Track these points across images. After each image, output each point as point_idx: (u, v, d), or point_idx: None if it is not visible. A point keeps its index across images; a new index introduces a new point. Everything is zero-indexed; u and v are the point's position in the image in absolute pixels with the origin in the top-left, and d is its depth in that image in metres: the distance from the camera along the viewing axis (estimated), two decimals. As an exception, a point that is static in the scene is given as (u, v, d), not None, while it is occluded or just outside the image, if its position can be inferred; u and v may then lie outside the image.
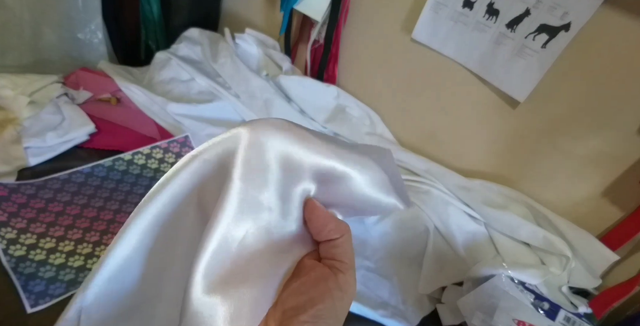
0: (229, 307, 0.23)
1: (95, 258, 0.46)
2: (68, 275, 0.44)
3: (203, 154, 0.25)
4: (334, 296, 0.25)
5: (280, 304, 0.25)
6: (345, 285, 0.25)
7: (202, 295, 0.23)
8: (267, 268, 0.25)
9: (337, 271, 0.26)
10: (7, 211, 0.46)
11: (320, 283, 0.25)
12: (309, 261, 0.27)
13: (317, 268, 0.26)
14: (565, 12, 0.49)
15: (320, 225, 0.27)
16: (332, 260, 0.26)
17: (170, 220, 0.27)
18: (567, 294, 0.53)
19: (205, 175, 0.26)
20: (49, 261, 0.44)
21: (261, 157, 0.25)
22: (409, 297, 0.53)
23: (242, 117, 0.72)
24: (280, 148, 0.25)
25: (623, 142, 0.52)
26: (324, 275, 0.26)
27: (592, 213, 0.57)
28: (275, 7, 0.85)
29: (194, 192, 0.26)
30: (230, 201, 0.24)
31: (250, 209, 0.25)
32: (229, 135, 0.25)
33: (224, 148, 0.25)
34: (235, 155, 0.24)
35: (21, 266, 0.43)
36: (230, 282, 0.24)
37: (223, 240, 0.24)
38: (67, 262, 0.45)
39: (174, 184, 0.26)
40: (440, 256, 0.57)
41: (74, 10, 0.74)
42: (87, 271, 0.45)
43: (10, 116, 0.58)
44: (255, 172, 0.25)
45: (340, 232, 0.27)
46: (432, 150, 0.73)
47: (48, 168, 0.55)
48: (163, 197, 0.26)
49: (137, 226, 0.26)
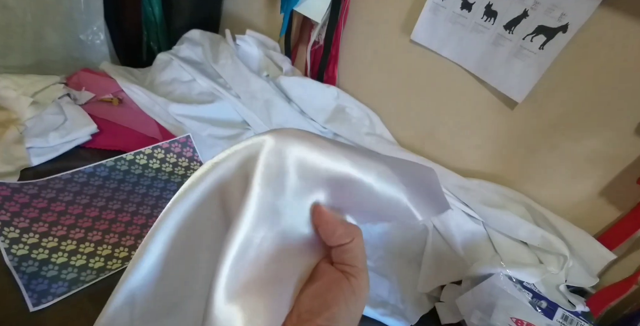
0: (247, 313, 0.24)
1: (97, 257, 0.47)
2: (70, 274, 0.44)
3: (227, 161, 0.26)
4: (348, 300, 0.25)
5: (296, 307, 0.25)
6: (358, 289, 0.26)
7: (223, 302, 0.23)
8: (283, 273, 0.26)
9: (350, 276, 0.26)
10: (10, 210, 0.47)
11: (334, 287, 0.25)
12: (323, 266, 0.27)
13: (331, 273, 0.27)
14: (563, 13, 0.50)
15: (329, 230, 0.27)
16: (343, 265, 0.27)
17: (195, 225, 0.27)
18: (565, 293, 0.53)
19: (227, 181, 0.26)
20: (52, 260, 0.45)
21: (280, 163, 0.25)
22: (408, 296, 0.54)
23: (242, 117, 0.73)
24: (298, 154, 0.26)
25: (620, 142, 0.52)
26: (337, 279, 0.26)
27: (589, 212, 0.58)
28: (276, 9, 0.86)
29: (217, 196, 0.27)
30: (249, 207, 0.24)
31: (267, 214, 0.25)
32: (251, 142, 0.26)
33: (246, 155, 0.26)
34: (256, 162, 0.25)
35: (24, 265, 0.43)
36: (249, 288, 0.24)
37: (242, 246, 0.24)
38: (69, 261, 0.45)
39: (198, 189, 0.26)
40: (439, 255, 0.58)
41: (77, 11, 0.75)
42: (89, 270, 0.45)
43: (13, 116, 0.58)
44: (273, 178, 0.25)
45: (350, 235, 0.27)
46: (431, 150, 0.73)
47: (50, 168, 0.55)
48: (188, 201, 0.26)
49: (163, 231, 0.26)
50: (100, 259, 0.47)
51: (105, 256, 0.47)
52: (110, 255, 0.47)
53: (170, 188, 0.58)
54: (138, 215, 0.53)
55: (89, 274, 0.45)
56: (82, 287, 0.43)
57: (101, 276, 0.45)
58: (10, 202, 0.48)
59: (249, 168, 0.25)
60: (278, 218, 0.26)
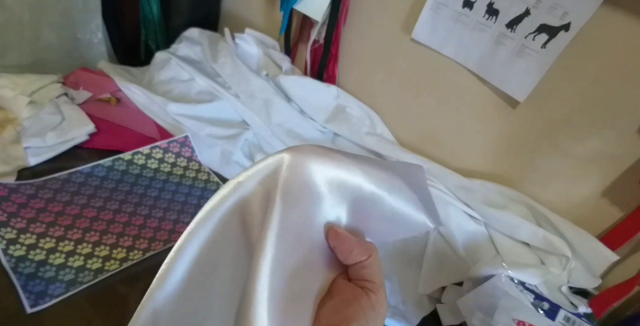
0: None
1: (94, 258, 0.46)
2: (68, 275, 0.44)
3: (249, 180, 0.26)
4: (368, 316, 0.25)
5: (317, 322, 0.25)
6: (378, 304, 0.26)
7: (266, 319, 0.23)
8: (305, 289, 0.26)
9: (369, 291, 0.26)
10: (7, 211, 0.46)
11: (354, 303, 0.26)
12: (341, 282, 0.28)
13: (349, 289, 0.27)
14: (565, 12, 0.49)
15: (346, 250, 0.27)
16: (362, 281, 0.27)
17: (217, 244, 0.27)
18: (567, 294, 0.53)
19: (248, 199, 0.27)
20: (49, 261, 0.44)
21: (299, 180, 0.26)
22: (409, 297, 0.53)
23: (241, 116, 0.72)
24: (317, 170, 0.26)
25: (623, 142, 0.52)
26: (356, 295, 0.26)
27: (591, 213, 0.57)
28: (275, 7, 0.85)
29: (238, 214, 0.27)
30: (274, 223, 0.25)
31: (290, 231, 0.25)
32: (271, 160, 0.26)
33: (266, 173, 0.26)
34: (277, 179, 0.26)
35: (21, 267, 0.43)
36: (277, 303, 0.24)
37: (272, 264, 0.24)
38: (66, 262, 0.45)
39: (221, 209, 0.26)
40: (440, 256, 0.57)
41: (74, 10, 0.74)
42: (86, 271, 0.45)
43: (10, 116, 0.58)
44: (293, 194, 0.26)
45: (367, 252, 0.27)
46: (432, 150, 0.73)
47: (48, 168, 0.55)
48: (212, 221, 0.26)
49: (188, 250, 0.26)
50: (98, 260, 0.46)
51: (103, 257, 0.47)
52: (108, 256, 0.47)
53: (168, 189, 0.58)
54: (136, 216, 0.52)
55: (86, 275, 0.44)
56: (80, 288, 0.43)
57: (99, 278, 0.45)
58: (7, 202, 0.47)
59: (270, 186, 0.26)
60: (299, 235, 0.26)
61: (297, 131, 0.72)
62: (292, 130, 0.72)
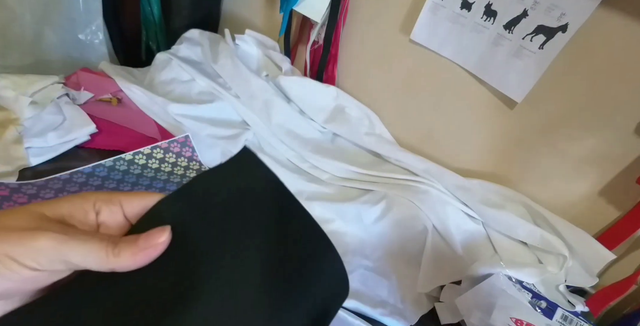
0: None
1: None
2: (69, 273, 0.44)
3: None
4: None
5: None
6: None
7: None
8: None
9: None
10: (9, 210, 0.47)
11: None
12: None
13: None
14: (563, 13, 0.50)
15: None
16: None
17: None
18: (565, 293, 0.53)
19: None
20: (51, 260, 0.44)
21: None
22: (407, 296, 0.54)
23: (242, 117, 0.73)
24: None
25: (620, 142, 0.52)
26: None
27: (589, 212, 0.58)
28: (275, 9, 0.86)
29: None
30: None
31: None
32: None
33: None
34: None
35: (23, 265, 0.43)
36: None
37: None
38: (68, 261, 0.45)
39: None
40: (439, 255, 0.58)
41: (75, 11, 0.75)
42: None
43: (12, 116, 0.58)
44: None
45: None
46: (430, 150, 0.73)
47: (49, 168, 0.55)
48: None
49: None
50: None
51: (105, 256, 0.47)
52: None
53: (169, 188, 0.58)
54: (137, 215, 0.53)
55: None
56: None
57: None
58: (9, 202, 0.47)
59: None
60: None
61: (297, 131, 0.73)
62: (292, 130, 0.72)
